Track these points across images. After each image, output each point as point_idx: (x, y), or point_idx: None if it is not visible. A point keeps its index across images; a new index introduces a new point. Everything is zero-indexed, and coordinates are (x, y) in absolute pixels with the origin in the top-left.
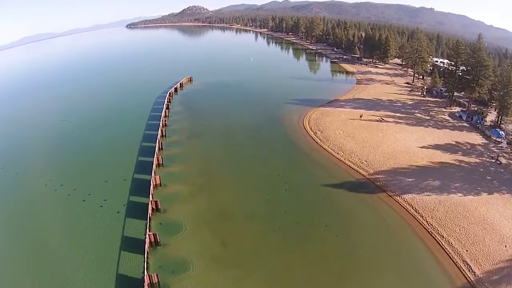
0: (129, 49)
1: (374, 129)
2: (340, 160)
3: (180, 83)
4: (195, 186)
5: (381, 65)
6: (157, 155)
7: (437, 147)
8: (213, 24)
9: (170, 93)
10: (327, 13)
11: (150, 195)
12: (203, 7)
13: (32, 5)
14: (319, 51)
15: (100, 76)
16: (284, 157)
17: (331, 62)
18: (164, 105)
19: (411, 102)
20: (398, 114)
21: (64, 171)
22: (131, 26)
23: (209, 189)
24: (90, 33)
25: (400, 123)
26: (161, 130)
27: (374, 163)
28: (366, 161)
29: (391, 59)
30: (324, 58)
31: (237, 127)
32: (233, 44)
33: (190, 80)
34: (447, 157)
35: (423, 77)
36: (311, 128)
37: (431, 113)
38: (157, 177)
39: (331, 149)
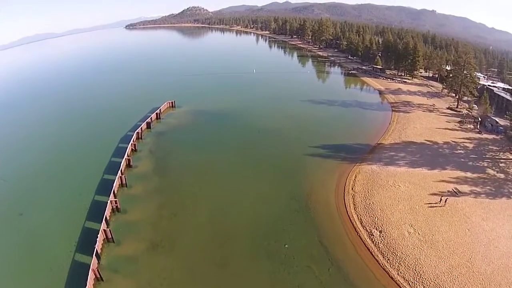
0: (114, 56)
1: (453, 217)
2: None
3: (157, 113)
4: None
5: (408, 79)
6: None
7: None
8: (212, 26)
9: (138, 132)
10: (328, 14)
11: None
12: (203, 8)
13: (33, 5)
14: (332, 59)
15: (58, 102)
16: None
17: (349, 74)
18: (123, 162)
19: (471, 146)
20: (469, 174)
21: None
22: (130, 27)
23: None
24: (88, 34)
25: (478, 193)
26: (104, 230)
27: None
28: None
29: (420, 72)
30: (338, 67)
31: (236, 224)
32: (232, 49)
33: (171, 106)
34: None
35: (459, 98)
36: (361, 222)
37: (500, 165)
38: None
39: (405, 278)
